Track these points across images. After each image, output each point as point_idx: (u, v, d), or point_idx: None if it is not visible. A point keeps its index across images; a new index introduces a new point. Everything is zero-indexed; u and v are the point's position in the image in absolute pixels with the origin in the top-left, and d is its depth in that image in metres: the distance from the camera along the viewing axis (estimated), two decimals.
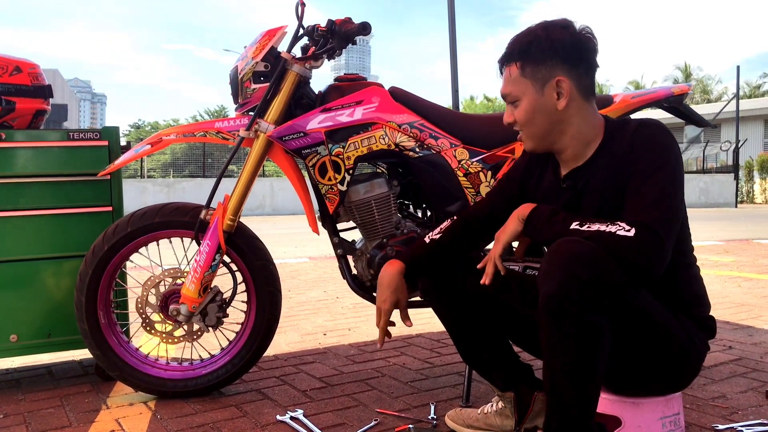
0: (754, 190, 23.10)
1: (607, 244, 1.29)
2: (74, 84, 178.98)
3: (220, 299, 2.14)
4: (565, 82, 1.44)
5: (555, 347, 1.29)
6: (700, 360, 1.50)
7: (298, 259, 6.21)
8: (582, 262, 1.26)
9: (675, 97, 2.19)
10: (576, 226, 1.35)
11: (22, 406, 2.09)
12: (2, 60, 2.24)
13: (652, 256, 1.28)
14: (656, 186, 1.35)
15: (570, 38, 1.44)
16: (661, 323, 1.40)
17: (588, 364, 1.29)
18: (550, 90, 1.45)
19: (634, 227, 1.29)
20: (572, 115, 1.47)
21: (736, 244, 7.39)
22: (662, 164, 1.37)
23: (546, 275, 1.29)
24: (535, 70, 1.46)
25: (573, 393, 1.29)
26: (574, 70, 1.45)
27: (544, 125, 1.48)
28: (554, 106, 1.46)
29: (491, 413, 1.76)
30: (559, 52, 1.43)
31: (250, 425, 1.89)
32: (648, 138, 1.42)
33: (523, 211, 1.49)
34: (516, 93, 1.49)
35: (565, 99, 1.45)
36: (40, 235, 2.23)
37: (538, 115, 1.48)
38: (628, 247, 1.28)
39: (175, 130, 2.16)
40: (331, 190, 2.07)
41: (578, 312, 1.26)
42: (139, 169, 19.96)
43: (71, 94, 31.03)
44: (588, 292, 1.25)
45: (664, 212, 1.32)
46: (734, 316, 3.38)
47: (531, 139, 1.53)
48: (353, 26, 2.02)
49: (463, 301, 1.66)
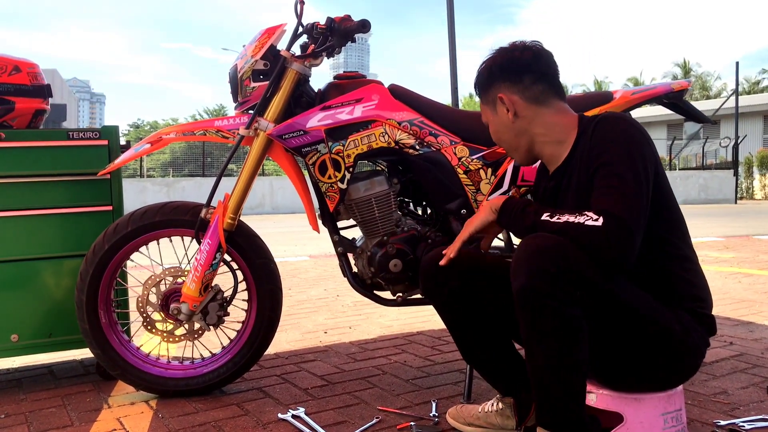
0: (753, 187, 23.11)
1: (576, 235, 1.33)
2: (73, 84, 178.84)
3: (221, 298, 2.14)
4: (505, 98, 1.56)
5: (533, 341, 1.34)
6: (699, 355, 1.50)
7: (298, 258, 6.20)
8: (548, 255, 1.31)
9: (675, 93, 2.19)
10: (546, 217, 1.39)
11: (24, 405, 2.10)
12: (1, 60, 2.23)
13: (620, 244, 1.31)
14: (619, 176, 1.37)
15: (506, 57, 1.57)
16: (648, 316, 1.41)
17: (568, 355, 1.32)
18: (500, 108, 1.58)
19: (601, 215, 1.32)
20: (529, 123, 1.57)
21: (736, 240, 7.39)
22: (624, 154, 1.40)
23: (516, 271, 1.34)
24: (485, 97, 1.62)
25: (558, 386, 1.33)
26: (518, 84, 1.55)
27: (509, 138, 1.60)
28: (508, 120, 1.57)
29: (492, 412, 1.77)
30: (495, 73, 1.57)
31: (252, 423, 1.90)
32: (609, 130, 1.45)
33: (496, 201, 1.54)
34: (485, 120, 1.66)
35: (511, 112, 1.56)
36: (40, 235, 2.23)
37: (501, 132, 1.62)
38: (597, 237, 1.31)
39: (174, 128, 2.16)
40: (331, 188, 2.07)
41: (550, 304, 1.30)
42: (139, 169, 19.94)
43: (70, 94, 30.99)
44: (557, 283, 1.29)
45: (629, 200, 1.34)
46: (735, 312, 3.38)
47: (510, 152, 1.65)
48: (352, 24, 2.02)
49: (465, 301, 1.67)
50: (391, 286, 2.15)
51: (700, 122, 2.34)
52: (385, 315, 3.45)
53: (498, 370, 1.72)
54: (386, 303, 2.18)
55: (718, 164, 23.72)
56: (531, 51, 1.55)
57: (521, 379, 1.69)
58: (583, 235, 1.32)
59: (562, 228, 1.35)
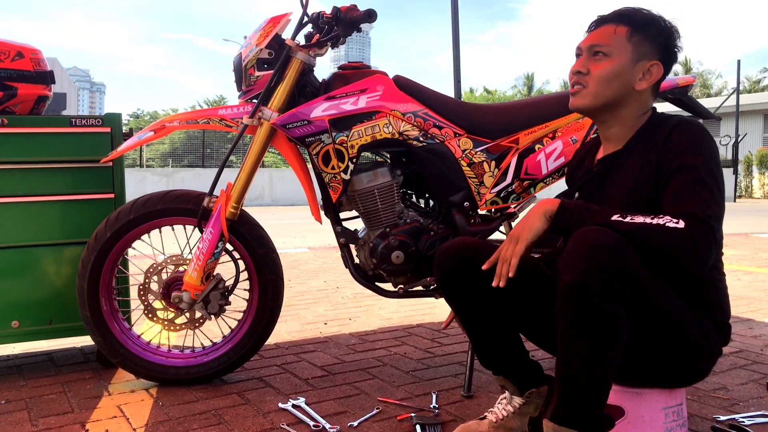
0: (753, 185, 23.10)
1: (655, 237, 1.27)
2: (73, 73, 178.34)
3: (223, 287, 2.14)
4: (657, 69, 1.50)
5: (572, 336, 1.28)
6: (712, 360, 1.47)
7: (298, 249, 6.20)
8: (607, 252, 1.25)
9: (680, 88, 2.18)
10: (618, 218, 1.32)
11: (24, 392, 2.10)
12: (4, 45, 2.22)
13: (703, 248, 1.26)
14: (704, 182, 1.35)
15: (675, 43, 1.51)
16: (677, 317, 1.38)
17: (605, 355, 1.27)
18: (641, 68, 1.49)
19: (682, 219, 1.28)
20: (639, 99, 1.52)
21: (735, 238, 7.40)
22: (709, 163, 1.38)
23: (569, 264, 1.27)
24: (641, 44, 1.49)
25: (586, 383, 1.28)
26: (665, 66, 1.51)
27: (614, 91, 1.49)
28: (634, 82, 1.49)
29: (510, 416, 1.64)
30: (664, 46, 1.50)
31: (252, 413, 1.90)
32: (694, 134, 1.42)
33: (549, 207, 1.43)
34: (611, 49, 1.49)
35: (647, 82, 1.50)
36: (42, 222, 2.23)
37: (616, 80, 1.49)
38: (679, 239, 1.26)
39: (178, 116, 2.15)
40: (334, 178, 2.07)
41: (599, 302, 1.24)
42: (138, 159, 19.91)
43: (70, 83, 30.89)
44: (611, 282, 1.24)
45: (713, 208, 1.31)
46: (734, 309, 3.36)
47: (591, 96, 1.51)
48: (359, 13, 2.01)
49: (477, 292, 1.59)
50: (392, 277, 2.15)
51: (704, 118, 2.34)
52: (385, 307, 3.45)
53: (514, 364, 1.65)
54: (387, 294, 2.18)
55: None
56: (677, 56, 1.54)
57: (535, 373, 1.66)
58: (665, 238, 1.26)
59: (638, 229, 1.28)
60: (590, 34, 1.54)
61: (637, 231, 1.29)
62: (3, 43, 2.23)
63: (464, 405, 1.95)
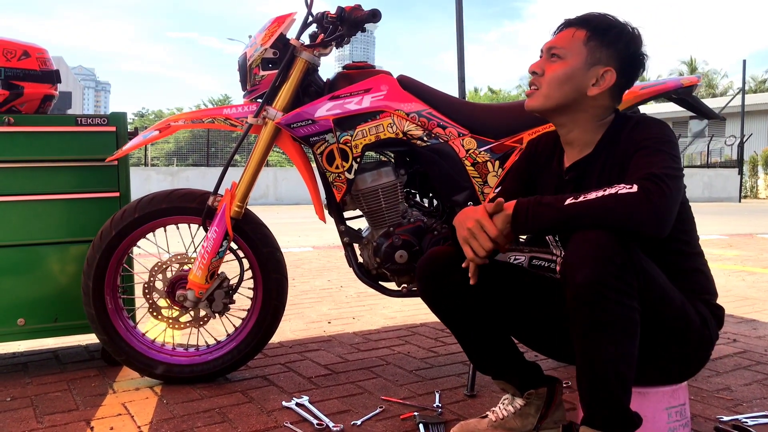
0: (758, 185, 23.05)
1: (611, 206, 1.25)
2: (78, 71, 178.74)
3: (227, 285, 2.15)
4: (610, 76, 1.47)
5: (593, 336, 1.26)
6: (711, 347, 1.50)
7: (302, 249, 6.22)
8: (610, 247, 1.24)
9: (684, 88, 2.19)
10: (570, 201, 1.30)
11: (29, 389, 2.11)
12: (10, 44, 2.23)
13: (660, 205, 1.24)
14: (659, 156, 1.35)
15: (635, 50, 1.49)
16: (679, 305, 1.40)
17: (628, 350, 1.27)
18: (594, 73, 1.48)
19: (635, 183, 1.27)
20: (594, 105, 1.50)
21: (739, 239, 7.38)
22: (666, 142, 1.39)
23: (577, 264, 1.25)
24: (597, 49, 1.48)
25: (614, 382, 1.27)
26: (623, 74, 1.49)
27: (565, 94, 1.49)
28: (586, 87, 1.48)
29: (510, 416, 1.65)
30: (623, 52, 1.48)
31: (256, 411, 1.90)
32: (653, 126, 1.44)
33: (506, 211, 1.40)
34: (566, 52, 1.49)
35: (599, 88, 1.48)
36: (47, 220, 2.24)
37: (567, 83, 1.48)
38: (635, 201, 1.24)
39: (183, 116, 2.16)
40: (338, 178, 2.07)
41: (617, 297, 1.24)
42: (143, 158, 19.95)
43: (75, 82, 30.96)
44: (622, 275, 1.24)
45: (670, 167, 1.31)
46: (738, 309, 3.38)
47: (543, 97, 1.51)
48: (363, 13, 2.02)
49: (461, 300, 1.58)
50: (396, 277, 2.15)
51: (709, 118, 2.34)
52: (389, 306, 3.46)
53: (510, 367, 1.65)
54: (391, 294, 2.19)
55: (723, 162, 23.65)
56: (645, 64, 1.53)
57: (533, 374, 1.66)
58: (621, 204, 1.24)
59: (593, 205, 1.27)
60: (554, 37, 1.54)
61: (593, 206, 1.27)
62: (9, 42, 2.24)
63: (467, 404, 1.96)
